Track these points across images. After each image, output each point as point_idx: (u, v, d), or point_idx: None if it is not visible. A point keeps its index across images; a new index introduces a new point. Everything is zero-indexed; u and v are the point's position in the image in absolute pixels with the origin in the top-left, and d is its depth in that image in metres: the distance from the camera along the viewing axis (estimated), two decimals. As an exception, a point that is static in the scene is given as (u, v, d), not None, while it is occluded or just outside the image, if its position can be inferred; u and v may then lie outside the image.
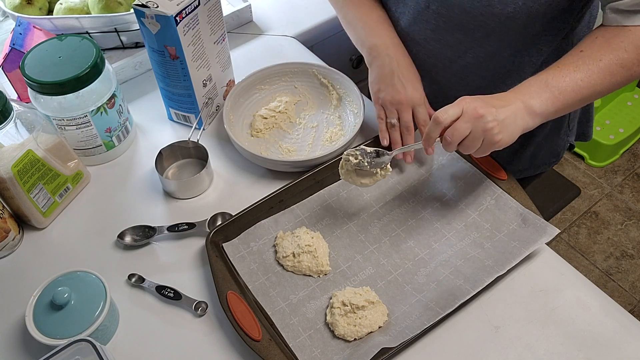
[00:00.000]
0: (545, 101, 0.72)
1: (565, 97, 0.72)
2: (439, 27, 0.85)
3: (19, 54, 0.91)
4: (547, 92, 0.72)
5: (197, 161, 0.94)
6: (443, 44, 0.87)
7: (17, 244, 0.84)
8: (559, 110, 0.74)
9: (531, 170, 1.06)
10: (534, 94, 0.72)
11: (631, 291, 1.85)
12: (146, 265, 0.81)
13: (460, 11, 0.80)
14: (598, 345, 0.71)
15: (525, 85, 0.74)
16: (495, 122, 0.70)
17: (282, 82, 1.02)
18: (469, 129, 0.71)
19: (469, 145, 0.72)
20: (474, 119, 0.70)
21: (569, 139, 1.04)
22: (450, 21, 0.82)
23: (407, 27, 0.89)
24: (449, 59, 0.89)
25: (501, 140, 0.71)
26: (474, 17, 0.80)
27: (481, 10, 0.78)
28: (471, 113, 0.70)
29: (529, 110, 0.72)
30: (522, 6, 0.75)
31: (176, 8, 0.81)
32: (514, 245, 0.78)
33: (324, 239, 0.82)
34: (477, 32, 0.82)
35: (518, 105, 0.72)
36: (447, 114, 0.72)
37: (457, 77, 0.91)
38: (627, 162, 2.21)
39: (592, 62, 0.72)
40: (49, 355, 0.61)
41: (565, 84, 0.72)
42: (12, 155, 0.76)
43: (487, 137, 0.71)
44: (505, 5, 0.76)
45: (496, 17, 0.78)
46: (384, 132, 0.89)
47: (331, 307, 0.74)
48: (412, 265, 0.79)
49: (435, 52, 0.89)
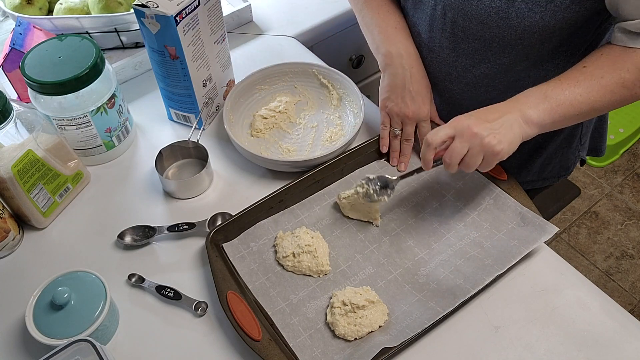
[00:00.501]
0: (543, 112, 0.72)
1: (562, 109, 0.73)
2: (455, 36, 0.84)
3: (19, 54, 0.91)
4: (545, 103, 0.73)
5: (197, 161, 0.94)
6: (458, 52, 0.86)
7: (17, 244, 0.84)
8: (555, 122, 0.74)
9: (539, 182, 1.06)
10: (531, 103, 0.73)
11: (631, 291, 1.85)
12: (146, 265, 0.81)
13: (477, 22, 0.79)
14: (598, 345, 0.71)
15: (523, 95, 0.75)
16: (491, 135, 0.70)
17: (282, 82, 1.02)
18: (466, 148, 0.72)
19: (469, 163, 0.73)
20: (470, 138, 0.71)
21: (580, 153, 1.03)
22: (467, 30, 0.82)
23: (423, 33, 0.89)
24: (463, 68, 0.88)
25: (502, 151, 0.71)
26: (490, 29, 0.79)
27: (498, 23, 0.77)
28: (466, 133, 0.71)
29: (525, 119, 0.73)
30: (539, 20, 0.75)
31: (176, 8, 0.81)
32: (514, 244, 0.78)
33: (323, 238, 0.82)
34: (494, 43, 0.81)
35: (514, 114, 0.72)
36: (437, 136, 0.73)
37: (470, 86, 0.91)
38: (627, 162, 2.21)
39: (594, 79, 0.72)
40: (49, 355, 0.61)
41: (564, 97, 0.72)
42: (12, 155, 0.76)
43: (487, 151, 0.71)
44: (522, 19, 0.75)
45: (512, 30, 0.77)
46: (385, 139, 0.91)
47: (331, 306, 0.74)
48: (412, 264, 0.79)
49: (450, 60, 0.88)
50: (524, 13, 0.75)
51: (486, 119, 0.72)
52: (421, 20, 0.88)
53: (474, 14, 0.79)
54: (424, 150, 0.75)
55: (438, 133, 0.73)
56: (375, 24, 0.91)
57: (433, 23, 0.86)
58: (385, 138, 0.91)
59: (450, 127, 0.73)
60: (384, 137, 0.91)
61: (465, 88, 0.91)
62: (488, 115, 0.73)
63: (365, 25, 0.94)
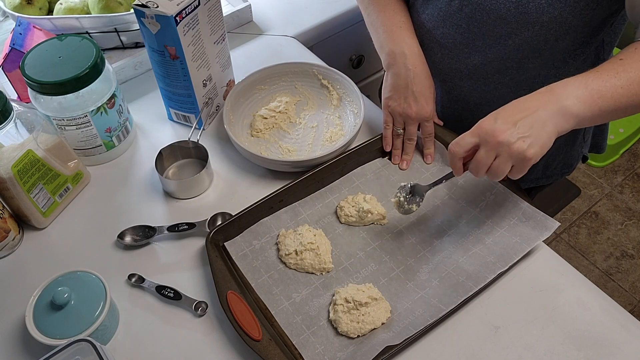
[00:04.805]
0: (583, 103, 0.66)
1: (603, 102, 0.67)
2: (470, 32, 0.84)
3: (19, 54, 0.91)
4: (586, 94, 0.67)
5: (197, 161, 0.94)
6: (471, 48, 0.86)
7: (17, 244, 0.84)
8: (594, 117, 0.68)
9: (543, 180, 1.06)
10: (570, 94, 0.67)
11: (631, 291, 1.85)
12: (146, 265, 0.81)
13: (495, 17, 0.79)
14: (598, 345, 0.71)
15: (560, 85, 0.68)
16: (520, 140, 0.65)
17: (282, 82, 1.02)
18: (493, 157, 0.67)
19: (497, 172, 0.68)
20: (496, 147, 0.66)
21: (582, 150, 1.03)
22: (483, 26, 0.81)
23: (434, 29, 0.88)
24: (475, 65, 0.88)
25: (535, 155, 0.66)
26: (507, 24, 0.79)
27: (516, 18, 0.77)
28: (491, 142, 0.66)
29: (562, 112, 0.66)
30: (558, 17, 0.74)
31: (176, 8, 0.81)
32: (515, 241, 0.78)
33: (326, 236, 0.82)
34: (509, 40, 0.81)
35: (549, 108, 0.66)
36: (459, 146, 0.69)
37: (480, 83, 0.90)
38: (627, 162, 2.21)
39: (634, 71, 0.67)
40: (49, 355, 0.61)
41: (606, 89, 0.67)
42: (12, 155, 0.76)
43: (517, 157, 0.66)
44: (540, 14, 0.75)
45: (530, 25, 0.77)
46: (388, 138, 0.92)
47: (334, 304, 0.74)
48: (414, 262, 0.79)
49: (462, 57, 0.88)
50: (543, 8, 0.74)
51: (513, 119, 0.66)
52: (433, 16, 0.88)
53: (493, 8, 0.78)
54: (451, 161, 0.71)
55: (460, 142, 0.69)
56: (381, 22, 0.92)
57: (447, 18, 0.85)
58: (388, 137, 0.91)
59: (474, 135, 0.68)
60: (386, 137, 0.91)
61: (475, 85, 0.91)
62: (516, 114, 0.67)
63: (371, 23, 0.94)
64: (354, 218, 0.83)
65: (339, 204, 0.86)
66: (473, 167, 0.69)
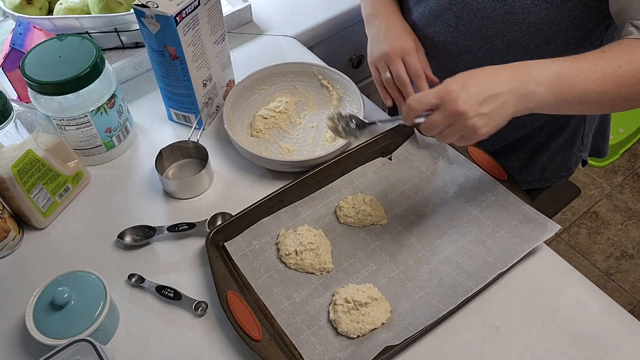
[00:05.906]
0: (551, 91, 0.65)
1: (571, 94, 0.66)
2: (459, 31, 0.84)
3: (19, 54, 0.91)
4: (557, 82, 0.65)
5: (197, 161, 0.94)
6: (461, 48, 0.86)
7: (17, 244, 0.84)
8: (558, 106, 0.68)
9: (541, 182, 1.05)
10: (543, 78, 0.65)
11: (631, 291, 1.85)
12: (146, 265, 0.81)
13: (481, 16, 0.79)
14: (598, 345, 0.71)
15: (536, 66, 0.66)
16: (478, 116, 0.64)
17: (282, 82, 1.02)
18: (447, 124, 0.66)
19: (446, 137, 0.67)
20: (453, 116, 0.64)
21: (582, 154, 1.02)
22: (470, 26, 0.81)
23: (425, 28, 0.89)
24: (466, 65, 0.87)
25: (486, 133, 0.66)
26: (495, 24, 0.79)
27: (503, 18, 0.77)
28: (450, 109, 0.64)
29: (527, 97, 0.65)
30: (545, 17, 0.74)
31: (176, 8, 0.81)
32: (516, 242, 0.78)
33: (326, 236, 0.82)
34: (497, 41, 0.81)
35: (516, 92, 0.65)
36: (420, 103, 0.67)
37: None
38: (627, 162, 2.21)
39: (611, 66, 0.66)
40: (49, 355, 0.61)
41: (578, 80, 0.66)
42: (12, 155, 0.76)
43: (469, 131, 0.65)
44: (527, 14, 0.75)
45: (517, 26, 0.77)
46: (383, 92, 0.89)
47: (334, 304, 0.74)
48: (414, 262, 0.79)
49: (453, 56, 0.88)
50: (529, 8, 0.74)
51: (479, 96, 0.64)
52: (424, 15, 0.88)
53: (479, 7, 0.78)
54: (405, 112, 0.69)
55: (422, 100, 0.67)
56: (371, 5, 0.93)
57: (437, 17, 0.86)
58: (383, 91, 0.88)
59: (437, 97, 0.66)
60: (382, 91, 0.89)
61: None
62: (485, 89, 0.64)
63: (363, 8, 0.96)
64: (353, 219, 0.83)
65: (338, 204, 0.86)
66: (425, 126, 0.68)
